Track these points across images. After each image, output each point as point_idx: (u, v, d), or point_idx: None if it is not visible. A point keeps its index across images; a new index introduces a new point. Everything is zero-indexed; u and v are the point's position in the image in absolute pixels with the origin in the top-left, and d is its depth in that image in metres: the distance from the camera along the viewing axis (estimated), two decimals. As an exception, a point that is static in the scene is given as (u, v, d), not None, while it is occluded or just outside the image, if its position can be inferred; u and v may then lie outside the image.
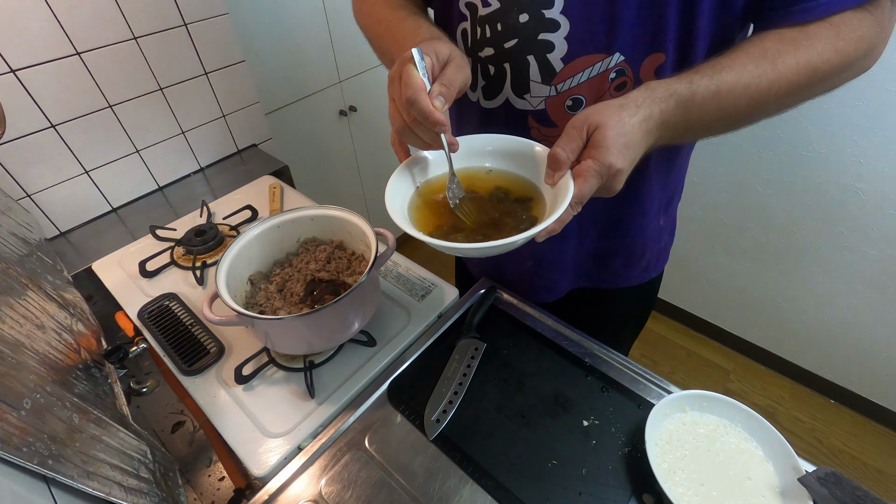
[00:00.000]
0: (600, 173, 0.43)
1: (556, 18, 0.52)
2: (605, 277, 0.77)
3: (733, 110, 0.47)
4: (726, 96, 0.45)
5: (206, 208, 0.96)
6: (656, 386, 0.60)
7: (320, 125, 1.62)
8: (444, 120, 0.45)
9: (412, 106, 0.44)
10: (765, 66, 0.45)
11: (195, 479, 0.81)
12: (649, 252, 0.75)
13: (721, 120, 0.48)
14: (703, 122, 0.47)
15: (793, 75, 0.45)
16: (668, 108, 0.45)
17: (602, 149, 0.43)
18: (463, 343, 0.66)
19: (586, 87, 0.55)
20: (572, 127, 0.45)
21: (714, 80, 0.45)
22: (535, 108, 0.59)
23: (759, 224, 1.46)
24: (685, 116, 0.46)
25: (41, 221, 0.94)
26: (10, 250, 0.63)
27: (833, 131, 1.21)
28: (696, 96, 0.45)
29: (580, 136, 0.45)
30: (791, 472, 0.48)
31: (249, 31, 1.30)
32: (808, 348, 1.58)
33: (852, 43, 0.45)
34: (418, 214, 0.51)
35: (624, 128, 0.43)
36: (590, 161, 0.43)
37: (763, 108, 0.47)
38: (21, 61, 0.81)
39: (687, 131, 0.48)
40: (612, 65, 0.53)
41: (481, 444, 0.56)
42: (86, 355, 0.60)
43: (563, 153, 0.45)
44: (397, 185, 0.51)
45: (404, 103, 0.45)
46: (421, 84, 0.44)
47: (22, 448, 0.34)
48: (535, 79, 0.56)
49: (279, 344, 0.63)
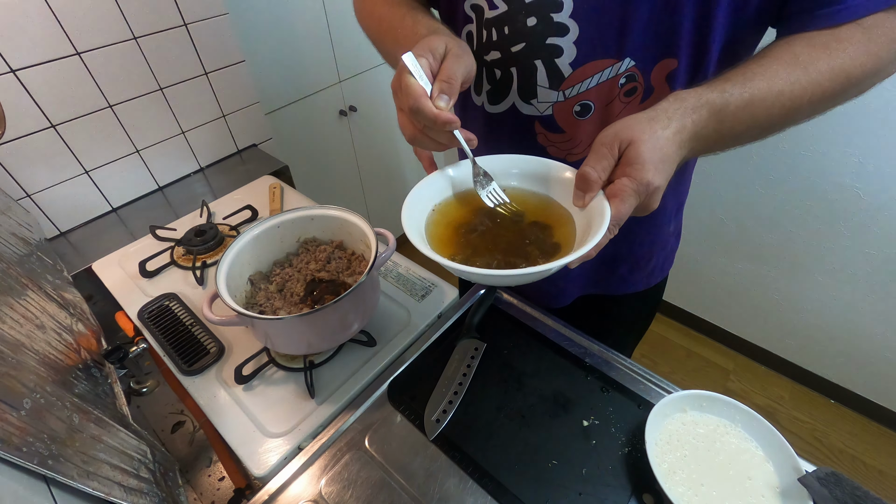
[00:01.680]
0: (638, 192, 0.40)
1: (564, 22, 0.50)
2: (612, 283, 0.76)
3: (766, 119, 0.44)
4: (759, 105, 0.43)
5: (206, 208, 0.96)
6: (656, 386, 0.60)
7: (320, 125, 1.62)
8: (451, 118, 0.43)
9: (417, 114, 0.43)
10: (797, 72, 0.43)
11: (195, 479, 0.81)
12: (655, 257, 0.74)
13: (753, 129, 0.45)
14: (735, 132, 0.45)
15: (826, 81, 0.43)
16: (701, 118, 0.42)
17: (638, 165, 0.40)
18: (463, 343, 0.66)
19: (595, 92, 0.54)
20: (601, 144, 0.42)
21: (746, 87, 0.43)
22: (542, 113, 0.58)
23: (759, 224, 1.46)
24: (717, 127, 0.43)
25: (41, 221, 0.94)
26: (10, 250, 0.63)
27: (833, 131, 1.21)
28: (730, 105, 0.43)
29: (611, 154, 0.42)
30: (791, 472, 0.48)
31: (249, 31, 1.30)
32: (808, 348, 1.58)
33: (884, 46, 0.44)
34: (436, 234, 0.49)
35: (658, 142, 0.41)
36: (625, 180, 0.41)
37: (795, 116, 0.45)
38: (21, 61, 0.81)
39: (718, 141, 0.45)
40: (623, 70, 0.52)
41: (481, 444, 0.56)
42: (86, 355, 0.60)
43: (594, 173, 0.42)
44: (414, 204, 0.48)
45: (408, 113, 0.44)
46: (420, 90, 0.43)
47: (22, 448, 0.34)
48: (543, 84, 0.55)
49: (279, 344, 0.63)
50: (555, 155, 0.61)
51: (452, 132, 0.45)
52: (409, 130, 0.47)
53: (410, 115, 0.44)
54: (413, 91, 0.43)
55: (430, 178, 0.51)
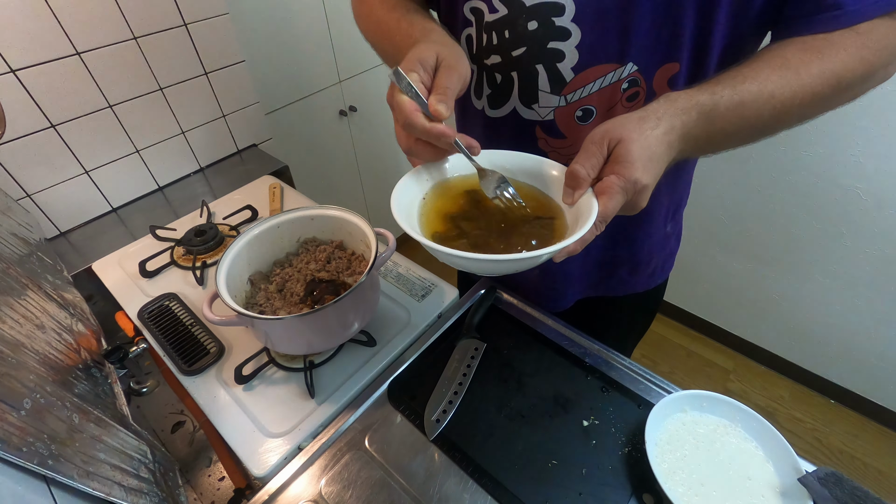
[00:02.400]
0: (626, 189, 0.41)
1: (566, 27, 0.50)
2: (611, 286, 0.76)
3: (756, 121, 0.45)
4: (750, 107, 0.43)
5: (206, 208, 0.96)
6: (656, 386, 0.60)
7: (320, 125, 1.62)
8: (444, 130, 0.43)
9: (410, 129, 0.43)
10: (788, 75, 0.43)
11: (195, 479, 0.81)
12: (655, 259, 0.74)
13: (743, 131, 0.46)
14: (725, 134, 0.45)
15: (817, 85, 0.44)
16: (690, 119, 0.43)
17: (626, 163, 0.40)
18: (463, 343, 0.66)
19: (597, 97, 0.54)
20: (591, 143, 0.43)
21: (737, 90, 0.43)
22: (544, 118, 0.57)
23: (759, 224, 1.46)
24: (707, 128, 0.44)
25: (41, 221, 0.94)
26: (10, 250, 0.63)
27: (833, 131, 1.21)
28: (719, 107, 0.43)
29: (600, 152, 0.42)
30: (791, 472, 0.48)
31: (249, 31, 1.30)
32: (808, 348, 1.58)
33: (878, 52, 0.44)
34: (426, 221, 0.49)
35: (647, 141, 0.41)
36: (613, 177, 0.41)
37: (786, 119, 0.46)
38: (21, 61, 0.81)
39: (708, 143, 0.46)
40: (625, 75, 0.52)
41: (481, 444, 0.56)
42: (86, 355, 0.60)
43: (583, 170, 0.42)
44: (405, 190, 0.48)
45: (402, 127, 0.44)
46: (411, 106, 0.42)
47: (22, 448, 0.34)
48: (544, 88, 0.55)
49: (279, 344, 0.63)
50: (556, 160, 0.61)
51: (453, 142, 0.45)
52: (405, 142, 0.46)
53: (404, 129, 0.44)
54: (404, 108, 0.42)
55: (423, 166, 0.50)
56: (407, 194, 0.48)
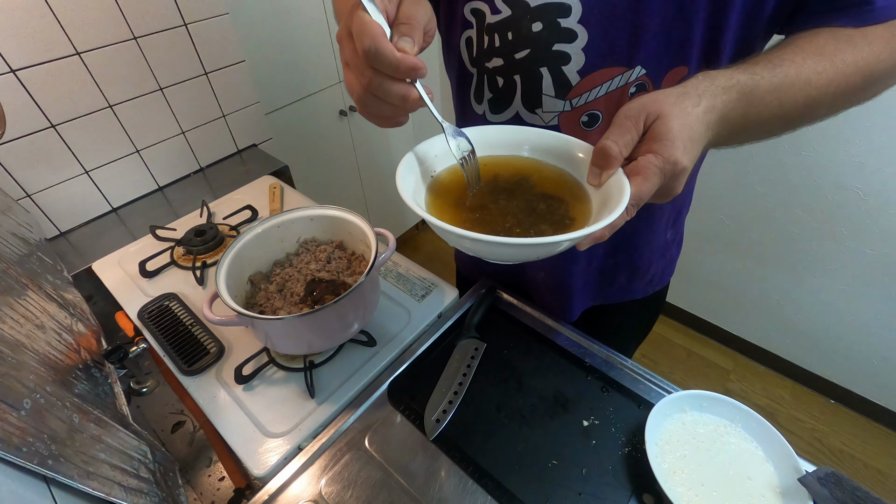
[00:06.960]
0: (664, 171, 0.36)
1: (573, 28, 0.48)
2: (612, 293, 0.75)
3: (791, 108, 0.42)
4: (787, 91, 0.41)
5: (206, 208, 0.96)
6: (656, 386, 0.60)
7: (320, 125, 1.62)
8: (416, 63, 0.36)
9: (375, 58, 0.35)
10: (824, 62, 0.41)
11: (195, 479, 0.81)
12: (654, 266, 0.72)
13: (776, 118, 0.43)
14: (760, 119, 0.42)
15: (851, 74, 0.42)
16: (731, 99, 0.39)
17: (666, 142, 0.36)
18: (463, 343, 0.66)
19: (603, 102, 0.52)
20: (625, 117, 0.38)
21: (776, 73, 0.41)
22: (548, 123, 0.55)
23: (759, 224, 1.46)
24: (744, 111, 0.41)
25: (41, 221, 0.94)
26: (10, 250, 0.63)
27: (833, 131, 1.21)
28: (759, 89, 0.40)
29: (636, 128, 0.38)
30: (791, 472, 0.48)
31: (249, 31, 1.30)
32: (808, 348, 1.58)
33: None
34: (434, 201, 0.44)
35: (689, 119, 0.37)
36: (651, 156, 0.37)
37: (816, 109, 0.44)
38: (21, 61, 0.81)
39: (742, 129, 0.43)
40: (633, 78, 0.49)
41: (481, 444, 0.56)
42: (86, 355, 0.60)
43: (615, 147, 0.38)
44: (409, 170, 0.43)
45: (363, 57, 0.35)
46: (379, 30, 0.35)
47: (22, 448, 0.34)
48: (549, 93, 0.53)
49: (279, 344, 0.63)
50: None
51: (412, 87, 0.37)
52: (357, 88, 0.38)
53: (366, 61, 0.36)
54: (370, 30, 0.34)
55: (431, 140, 0.46)
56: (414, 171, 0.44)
